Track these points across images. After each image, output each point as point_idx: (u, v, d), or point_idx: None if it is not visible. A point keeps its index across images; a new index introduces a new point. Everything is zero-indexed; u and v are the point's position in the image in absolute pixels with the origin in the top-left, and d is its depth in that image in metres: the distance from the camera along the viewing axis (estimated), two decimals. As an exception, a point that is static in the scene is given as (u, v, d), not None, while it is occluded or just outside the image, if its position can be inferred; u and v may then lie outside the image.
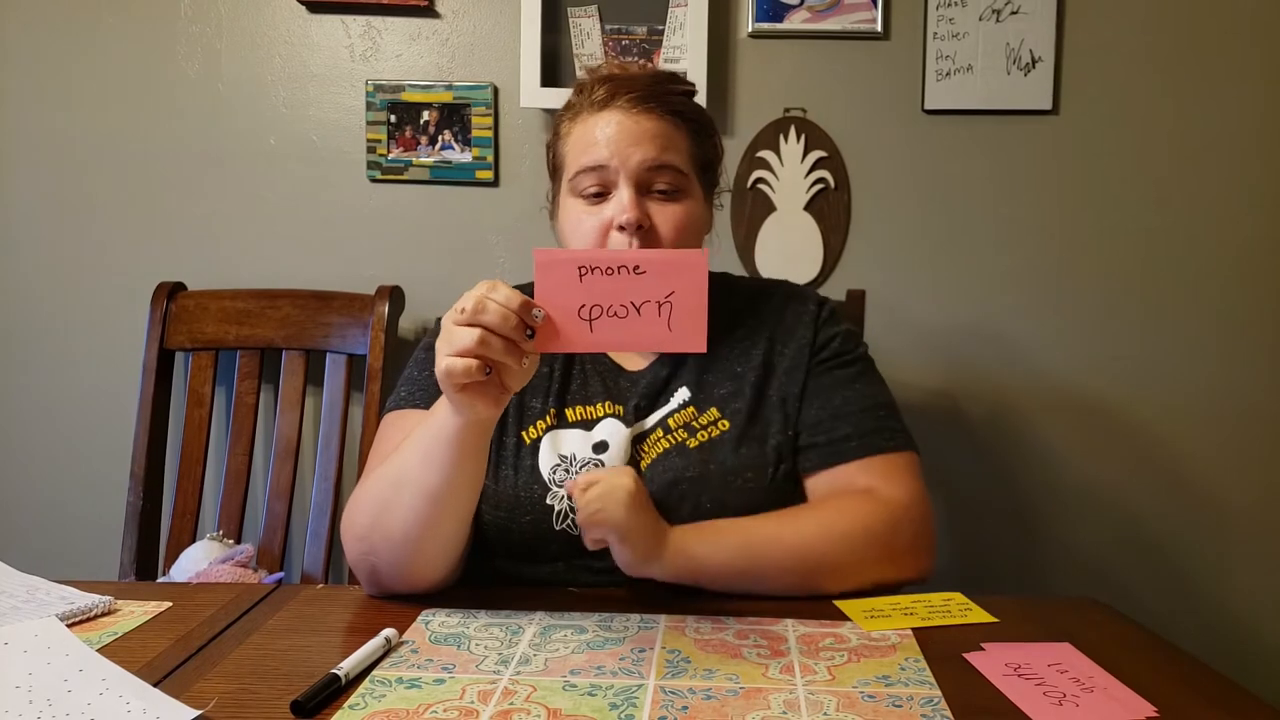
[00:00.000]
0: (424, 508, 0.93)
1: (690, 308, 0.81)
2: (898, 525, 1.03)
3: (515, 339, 0.80)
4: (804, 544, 0.99)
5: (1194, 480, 1.85)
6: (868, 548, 1.00)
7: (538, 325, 0.81)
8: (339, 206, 1.84)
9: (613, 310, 0.81)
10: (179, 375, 1.81)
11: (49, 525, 1.89)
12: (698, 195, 1.11)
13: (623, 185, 1.06)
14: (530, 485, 1.06)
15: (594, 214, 1.07)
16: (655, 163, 1.06)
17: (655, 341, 0.82)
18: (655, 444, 1.08)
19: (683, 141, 1.09)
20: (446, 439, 0.89)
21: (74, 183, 1.85)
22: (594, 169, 1.07)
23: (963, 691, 0.78)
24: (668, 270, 0.81)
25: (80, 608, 0.92)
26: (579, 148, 1.09)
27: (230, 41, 1.82)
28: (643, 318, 0.81)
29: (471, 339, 0.79)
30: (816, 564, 0.99)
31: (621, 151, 1.06)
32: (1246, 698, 0.78)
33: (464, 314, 0.80)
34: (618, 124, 1.07)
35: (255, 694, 0.77)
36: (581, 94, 1.11)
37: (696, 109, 1.15)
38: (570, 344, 0.82)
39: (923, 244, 1.83)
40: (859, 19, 1.77)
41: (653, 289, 0.81)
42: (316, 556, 1.69)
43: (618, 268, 0.81)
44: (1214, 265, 1.82)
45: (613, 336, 0.82)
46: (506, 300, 0.80)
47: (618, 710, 0.74)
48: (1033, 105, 1.79)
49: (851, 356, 1.14)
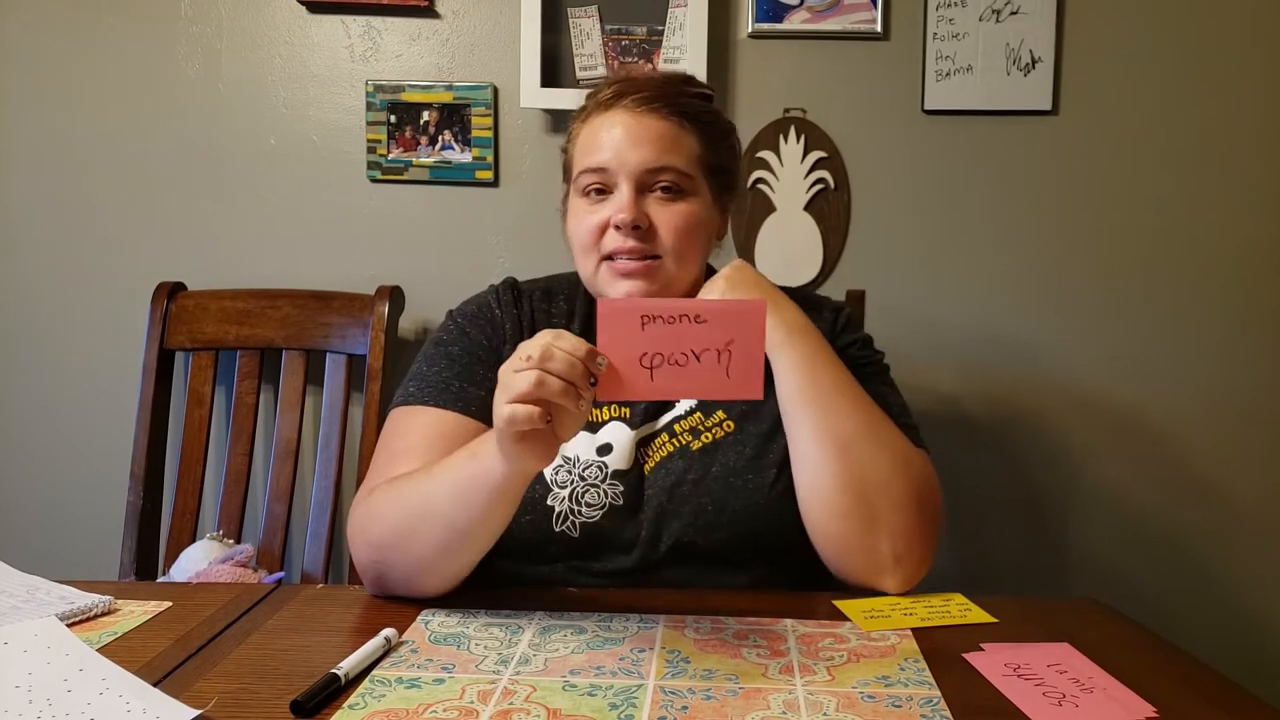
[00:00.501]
0: (449, 540, 0.93)
1: (749, 356, 0.82)
2: (933, 489, 1.04)
3: (580, 385, 0.80)
4: (882, 425, 1.02)
5: (1194, 480, 1.85)
6: (906, 481, 1.01)
7: (601, 373, 0.81)
8: (339, 206, 1.84)
9: (673, 359, 0.82)
10: (179, 375, 1.81)
11: (49, 525, 1.89)
12: (703, 197, 1.11)
13: (622, 185, 1.06)
14: (532, 485, 1.05)
15: (594, 212, 1.08)
16: (655, 164, 1.06)
17: (713, 389, 0.83)
18: (660, 447, 1.08)
19: (689, 143, 1.09)
20: (489, 486, 0.88)
21: (74, 182, 1.85)
22: (596, 170, 1.07)
23: (962, 692, 0.78)
24: (728, 319, 0.82)
25: (80, 607, 0.92)
26: (585, 149, 1.10)
27: (230, 41, 1.82)
28: (702, 365, 0.82)
29: (529, 382, 0.78)
30: (876, 444, 1.01)
31: (622, 152, 1.06)
32: (1246, 698, 0.78)
33: (529, 360, 0.79)
34: (621, 125, 1.07)
35: (255, 694, 0.77)
36: (592, 96, 1.12)
37: (709, 111, 1.14)
38: (632, 392, 0.82)
39: (922, 244, 1.83)
40: (859, 19, 1.77)
41: (713, 338, 0.82)
42: (316, 556, 1.69)
43: (679, 316, 0.82)
44: (1214, 264, 1.82)
45: (672, 384, 0.82)
46: (573, 348, 0.79)
47: (617, 710, 0.74)
48: (1032, 106, 1.79)
49: (867, 360, 1.14)
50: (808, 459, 1.01)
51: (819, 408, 1.01)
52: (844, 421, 1.01)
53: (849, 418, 1.01)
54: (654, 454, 1.08)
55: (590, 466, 1.06)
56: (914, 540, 1.00)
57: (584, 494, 1.05)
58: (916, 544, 1.00)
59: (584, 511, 1.05)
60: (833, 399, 1.02)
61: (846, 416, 1.01)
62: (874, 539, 0.99)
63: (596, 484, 1.06)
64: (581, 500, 1.05)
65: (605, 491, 1.05)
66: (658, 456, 1.07)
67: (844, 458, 1.00)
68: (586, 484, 1.06)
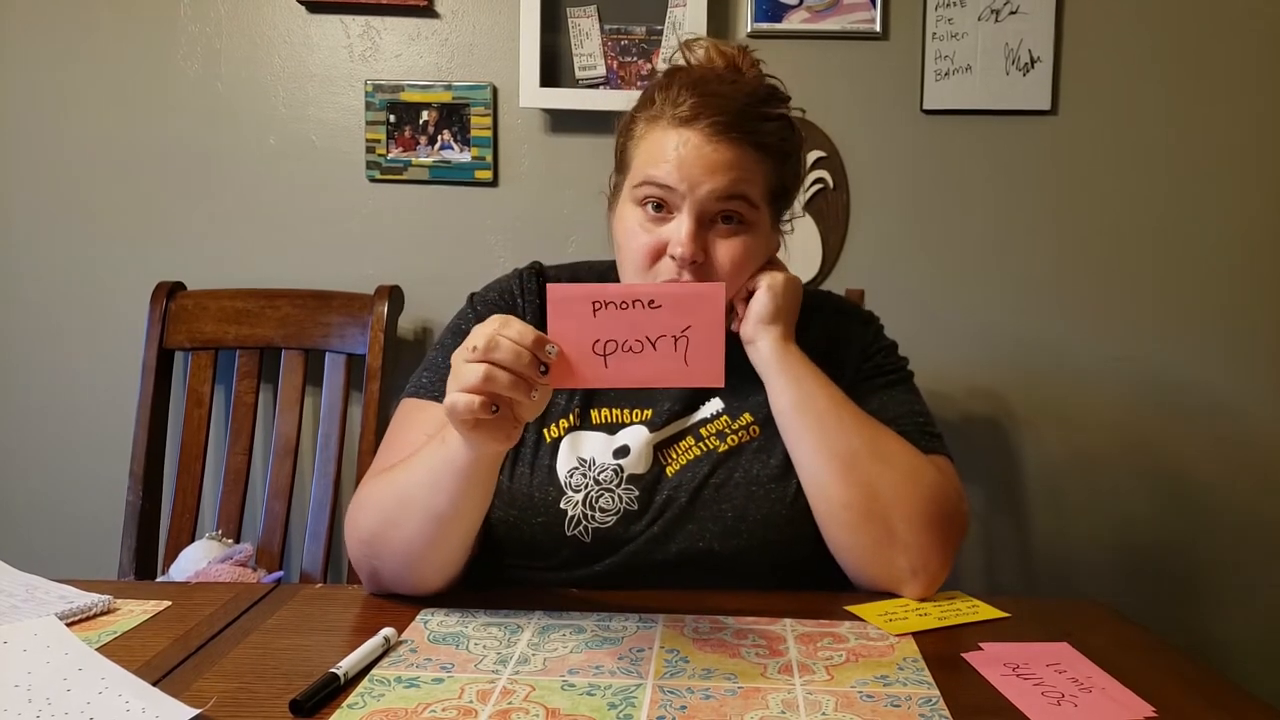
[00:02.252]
0: (429, 529, 0.93)
1: (707, 341, 0.80)
2: (955, 499, 1.02)
3: (529, 376, 0.79)
4: (887, 442, 1.01)
5: (1193, 480, 1.85)
6: (926, 498, 0.99)
7: (552, 361, 0.80)
8: (338, 206, 1.84)
9: (628, 345, 0.80)
10: (178, 375, 1.81)
11: (48, 524, 1.89)
12: (764, 226, 1.06)
13: (685, 213, 1.00)
14: (546, 486, 1.04)
15: (651, 232, 1.02)
16: (725, 194, 1.00)
17: (671, 376, 0.81)
18: (686, 450, 1.07)
19: (761, 172, 1.03)
20: (457, 470, 0.88)
21: (73, 182, 1.85)
22: (661, 185, 1.01)
23: (961, 691, 0.78)
24: (683, 304, 0.80)
25: (79, 607, 0.92)
26: (650, 156, 1.03)
27: (230, 41, 1.82)
28: (658, 352, 0.80)
29: (477, 375, 0.78)
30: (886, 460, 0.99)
31: (692, 177, 0.99)
32: (1245, 698, 0.78)
33: (475, 352, 0.78)
34: (695, 148, 1.00)
35: (254, 693, 0.77)
36: (665, 97, 1.03)
37: (785, 135, 1.07)
38: (585, 379, 0.81)
39: (921, 243, 1.83)
40: (858, 19, 1.78)
41: (668, 323, 0.80)
42: (315, 556, 1.69)
43: (632, 302, 0.80)
44: (1213, 263, 1.82)
45: (628, 371, 0.81)
46: (519, 336, 0.78)
47: (616, 710, 0.74)
48: (1031, 105, 1.79)
49: (892, 367, 1.13)
50: (813, 477, 1.01)
51: (818, 426, 1.01)
52: (845, 439, 1.00)
53: (850, 435, 1.00)
54: (678, 457, 1.06)
55: (606, 470, 1.05)
56: (930, 553, 0.99)
57: (598, 498, 1.04)
58: (933, 556, 0.99)
59: (597, 517, 1.03)
60: (829, 417, 1.01)
61: (847, 434, 1.00)
62: (889, 553, 0.99)
63: (611, 488, 1.04)
64: (595, 505, 1.04)
65: (620, 496, 1.04)
66: (683, 459, 1.06)
67: (849, 474, 0.99)
68: (601, 488, 1.04)
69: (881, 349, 1.15)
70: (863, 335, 1.14)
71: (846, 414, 1.02)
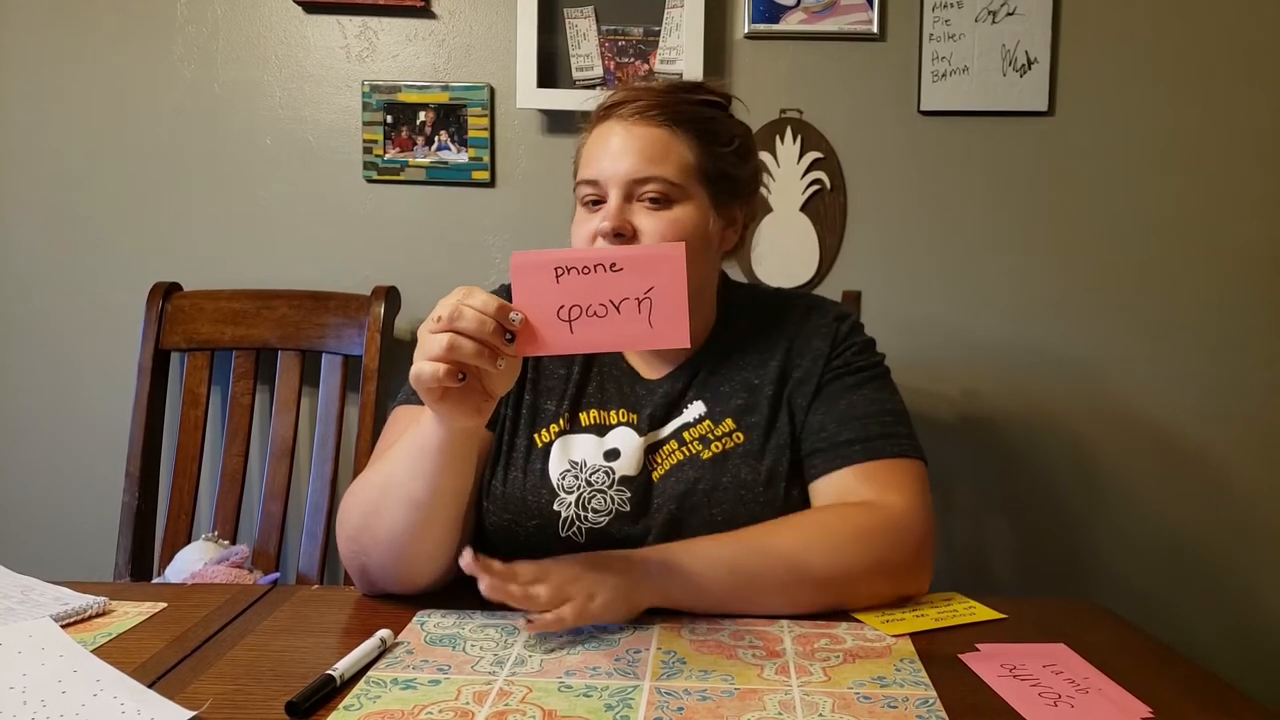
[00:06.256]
0: (410, 515, 0.92)
1: (670, 301, 0.80)
2: (896, 537, 0.99)
3: (494, 344, 0.80)
4: (792, 554, 0.95)
5: (1192, 480, 1.85)
6: (862, 558, 0.97)
7: (516, 329, 0.80)
8: (335, 207, 1.84)
9: (592, 310, 0.80)
10: (174, 376, 1.80)
11: (44, 526, 1.88)
12: (697, 205, 1.06)
13: (611, 195, 1.04)
14: (538, 490, 1.05)
15: (587, 222, 1.06)
16: (640, 174, 1.03)
17: (637, 339, 0.81)
18: (670, 455, 1.07)
19: (679, 151, 1.05)
20: (432, 449, 0.88)
21: (70, 182, 1.84)
22: (589, 182, 1.06)
23: (958, 693, 0.78)
24: (645, 265, 0.80)
25: (75, 608, 0.92)
26: (584, 160, 1.09)
27: (226, 42, 1.82)
28: (622, 315, 0.80)
29: (441, 344, 0.79)
30: (804, 575, 0.95)
31: (611, 163, 1.04)
32: (1242, 700, 0.78)
33: (440, 322, 0.79)
34: (614, 136, 1.05)
35: (250, 695, 0.77)
36: (598, 105, 1.10)
37: (710, 118, 1.09)
38: (551, 346, 0.81)
39: (918, 245, 1.83)
40: (855, 20, 1.78)
41: (631, 285, 0.80)
42: (312, 557, 1.69)
43: (594, 266, 0.80)
44: (1210, 264, 1.82)
45: (593, 336, 0.81)
46: (483, 305, 0.79)
47: (613, 711, 0.74)
48: (1028, 106, 1.79)
49: (863, 364, 1.12)
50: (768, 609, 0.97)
51: (732, 598, 0.95)
52: (769, 594, 0.95)
53: (769, 580, 0.95)
54: (663, 461, 1.07)
55: (597, 471, 1.05)
56: (905, 586, 1.00)
57: (590, 500, 1.04)
58: (909, 585, 1.01)
59: (590, 518, 1.04)
60: (744, 589, 0.95)
61: (767, 584, 0.95)
62: (870, 601, 0.98)
63: (604, 490, 1.05)
64: (588, 506, 1.04)
65: (612, 498, 1.04)
66: (667, 464, 1.06)
67: (799, 597, 0.96)
68: (593, 489, 1.05)
69: (851, 345, 1.12)
70: (831, 331, 1.13)
71: (750, 572, 0.95)
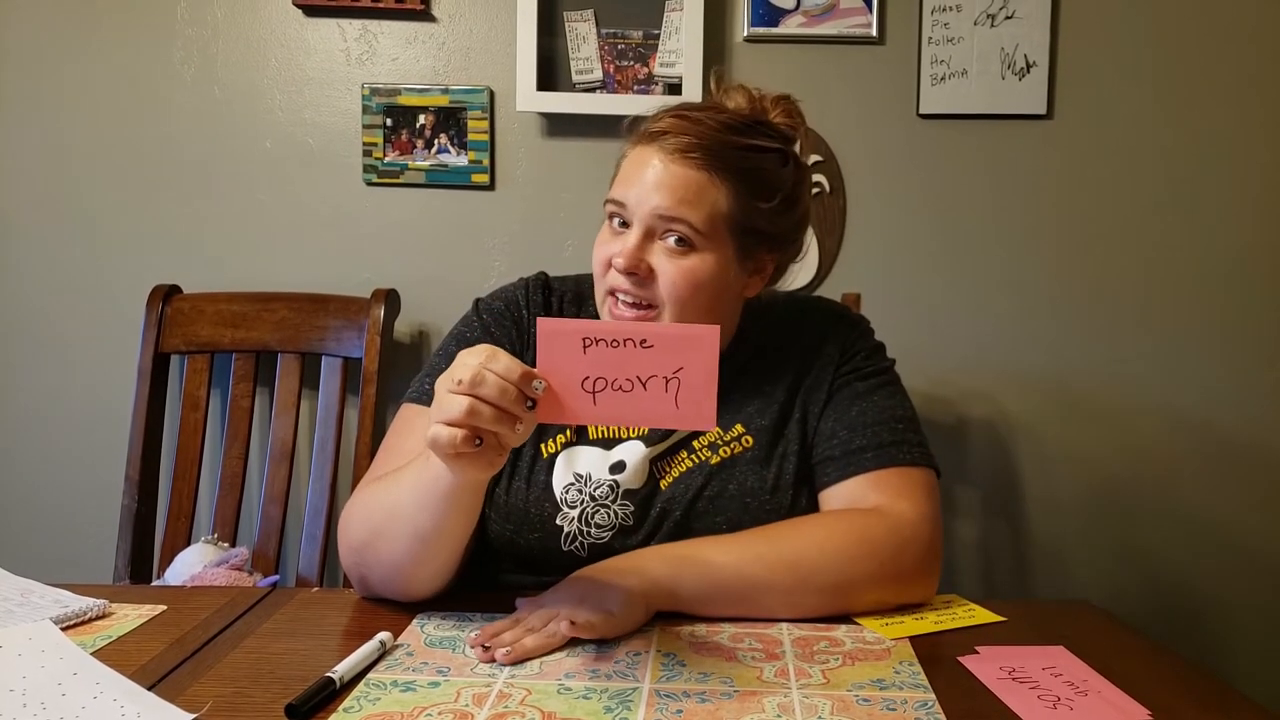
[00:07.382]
0: (414, 547, 0.92)
1: (699, 385, 0.78)
2: (903, 545, 0.98)
3: (514, 411, 0.77)
4: (798, 559, 0.95)
5: (1191, 482, 1.85)
6: (867, 565, 0.96)
7: (538, 397, 0.78)
8: (335, 210, 1.84)
9: (618, 384, 0.78)
10: (174, 378, 1.80)
11: (44, 528, 1.88)
12: (720, 254, 1.02)
13: (634, 226, 1.02)
14: (541, 502, 1.04)
15: (608, 243, 1.04)
16: (666, 213, 1.00)
17: (661, 418, 0.79)
18: (679, 463, 1.06)
19: (714, 198, 1.01)
20: (440, 493, 0.87)
21: (69, 185, 1.84)
22: (616, 203, 1.03)
23: (957, 695, 0.78)
24: (676, 346, 0.78)
25: (74, 611, 0.92)
26: (621, 175, 1.05)
27: (226, 45, 1.82)
28: (649, 393, 0.78)
29: (460, 409, 0.76)
30: (808, 581, 0.94)
31: (641, 194, 1.01)
32: (1241, 701, 0.78)
33: (460, 385, 0.76)
34: (650, 166, 1.01)
35: (250, 697, 0.77)
36: (651, 119, 1.05)
37: (758, 170, 1.04)
38: (573, 416, 0.79)
39: (918, 248, 1.83)
40: (854, 23, 1.78)
41: (660, 364, 0.78)
42: (312, 560, 1.69)
43: (624, 340, 0.78)
44: (1210, 267, 1.82)
45: (617, 411, 0.79)
46: (505, 371, 0.76)
47: (612, 713, 0.74)
48: (1027, 110, 1.79)
49: (873, 369, 1.11)
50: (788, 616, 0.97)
51: (745, 604, 0.95)
52: (773, 598, 0.95)
53: (773, 585, 0.95)
54: (672, 470, 1.06)
55: (601, 485, 1.04)
56: (911, 594, 0.99)
57: (594, 514, 1.04)
58: (915, 593, 1.00)
59: (593, 533, 1.03)
60: (747, 592, 0.95)
61: (772, 589, 0.95)
62: (875, 607, 0.98)
63: (607, 504, 1.04)
64: (591, 521, 1.04)
65: (615, 512, 1.04)
66: (676, 472, 1.06)
67: (803, 602, 0.95)
68: (597, 504, 1.04)
69: (862, 350, 1.12)
70: (842, 337, 1.12)
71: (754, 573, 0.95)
